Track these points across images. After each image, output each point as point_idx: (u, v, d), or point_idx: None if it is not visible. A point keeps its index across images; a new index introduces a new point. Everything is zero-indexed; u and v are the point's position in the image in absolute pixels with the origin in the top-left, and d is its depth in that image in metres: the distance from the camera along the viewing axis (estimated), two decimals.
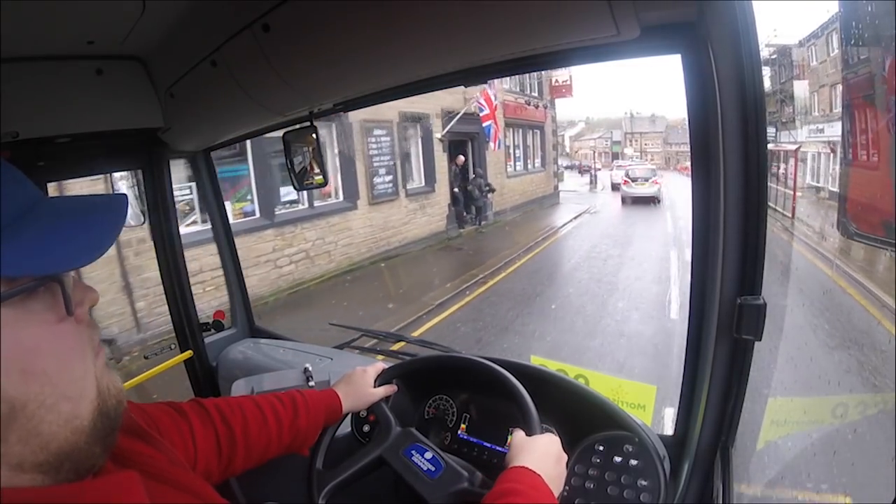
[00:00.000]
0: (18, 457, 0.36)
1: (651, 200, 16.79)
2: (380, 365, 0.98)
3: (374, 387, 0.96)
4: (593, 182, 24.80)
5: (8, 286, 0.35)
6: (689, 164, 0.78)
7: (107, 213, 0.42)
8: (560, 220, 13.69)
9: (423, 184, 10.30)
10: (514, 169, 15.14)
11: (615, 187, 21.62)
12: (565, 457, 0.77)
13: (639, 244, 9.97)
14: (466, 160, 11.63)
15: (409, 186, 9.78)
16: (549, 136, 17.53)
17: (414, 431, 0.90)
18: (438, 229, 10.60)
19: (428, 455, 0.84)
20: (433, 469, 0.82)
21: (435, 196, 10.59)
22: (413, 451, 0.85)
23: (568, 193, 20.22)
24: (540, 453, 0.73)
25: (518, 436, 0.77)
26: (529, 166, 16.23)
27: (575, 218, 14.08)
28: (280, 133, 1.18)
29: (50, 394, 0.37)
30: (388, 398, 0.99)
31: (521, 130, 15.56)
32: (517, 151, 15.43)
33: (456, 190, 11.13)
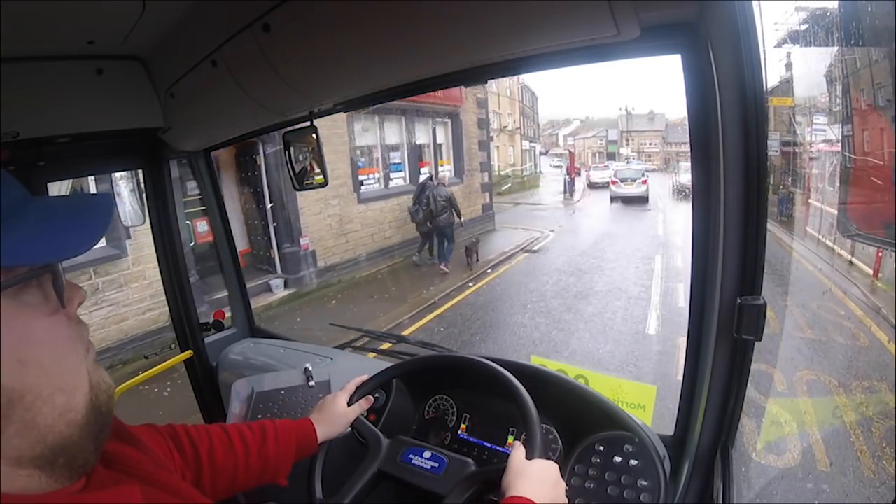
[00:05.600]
0: (17, 450, 0.36)
1: (639, 200, 16.60)
2: (352, 385, 0.98)
3: (351, 403, 0.96)
4: (568, 190, 19.02)
5: (6, 276, 0.36)
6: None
7: (97, 209, 0.43)
8: (455, 278, 7.36)
9: (105, 243, 5.01)
10: (385, 185, 9.05)
11: (592, 185, 22.04)
12: (563, 485, 0.76)
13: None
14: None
15: None
16: (471, 130, 11.03)
17: (403, 437, 0.90)
18: (147, 327, 5.26)
19: (427, 454, 0.84)
20: (437, 465, 0.82)
21: (128, 263, 5.21)
22: (411, 455, 0.85)
23: (526, 209, 14.55)
24: (536, 479, 0.72)
25: (516, 457, 0.75)
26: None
27: (496, 265, 8.15)
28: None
29: (46, 385, 0.37)
30: (381, 409, 0.98)
31: (402, 119, 9.43)
32: (392, 155, 9.31)
33: (427, 225, 7.65)
